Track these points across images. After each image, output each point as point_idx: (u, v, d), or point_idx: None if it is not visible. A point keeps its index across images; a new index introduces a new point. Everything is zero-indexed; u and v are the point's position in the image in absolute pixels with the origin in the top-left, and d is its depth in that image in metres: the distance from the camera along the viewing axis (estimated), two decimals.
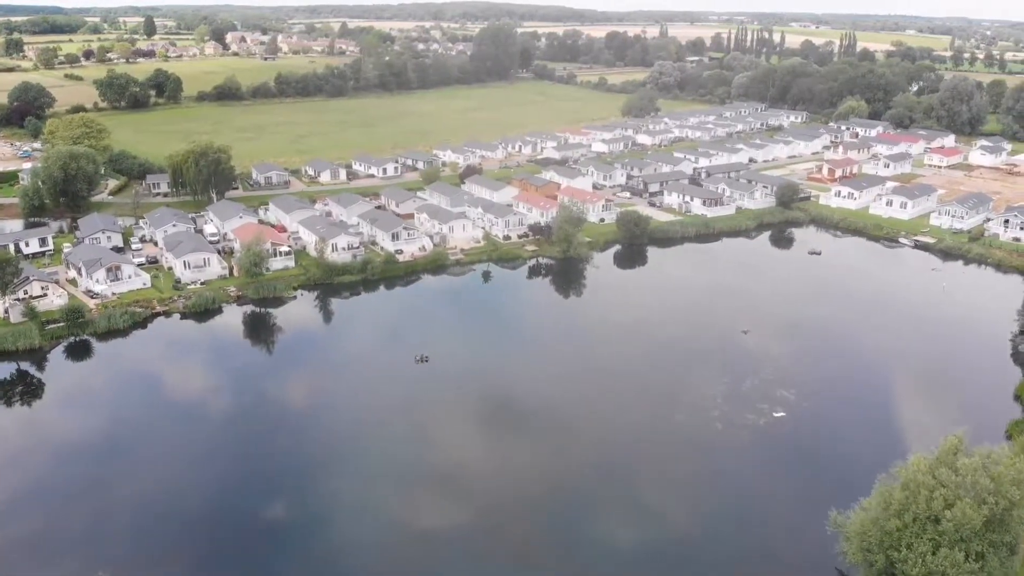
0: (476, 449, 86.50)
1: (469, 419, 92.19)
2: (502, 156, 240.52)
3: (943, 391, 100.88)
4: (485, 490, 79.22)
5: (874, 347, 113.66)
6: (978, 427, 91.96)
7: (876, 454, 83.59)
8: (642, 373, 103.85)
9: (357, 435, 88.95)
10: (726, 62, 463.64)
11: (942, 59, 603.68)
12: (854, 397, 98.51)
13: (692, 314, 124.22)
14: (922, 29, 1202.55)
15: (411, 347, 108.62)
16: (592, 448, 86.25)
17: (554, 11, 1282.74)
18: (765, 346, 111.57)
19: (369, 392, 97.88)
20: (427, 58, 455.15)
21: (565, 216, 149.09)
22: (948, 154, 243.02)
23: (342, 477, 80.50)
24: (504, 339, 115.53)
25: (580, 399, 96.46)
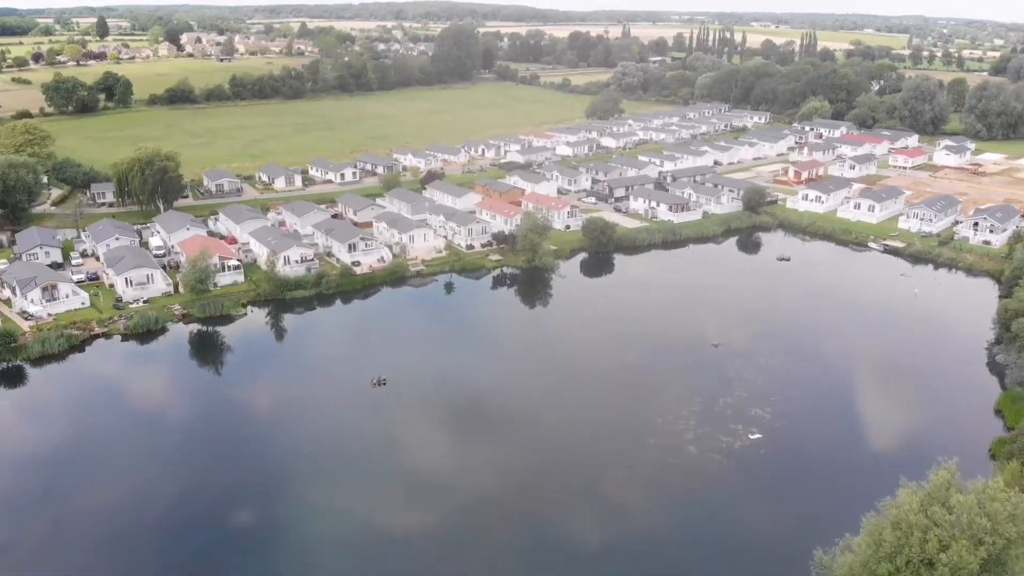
0: (435, 487, 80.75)
1: (428, 452, 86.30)
2: (465, 160, 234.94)
3: (922, 406, 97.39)
4: (448, 531, 73.65)
5: (848, 359, 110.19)
6: (960, 444, 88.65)
7: (858, 479, 79.88)
8: (612, 393, 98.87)
9: (302, 477, 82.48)
10: (689, 62, 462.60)
11: (901, 58, 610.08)
12: (830, 414, 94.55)
13: (661, 327, 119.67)
14: (880, 28, 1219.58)
15: (368, 368, 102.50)
16: (562, 478, 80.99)
17: (516, 11, 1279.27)
18: (737, 360, 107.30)
19: (319, 422, 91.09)
20: (388, 59, 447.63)
21: (530, 225, 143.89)
22: (913, 155, 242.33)
23: (281, 532, 74.29)
24: (467, 357, 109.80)
25: (548, 425, 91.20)
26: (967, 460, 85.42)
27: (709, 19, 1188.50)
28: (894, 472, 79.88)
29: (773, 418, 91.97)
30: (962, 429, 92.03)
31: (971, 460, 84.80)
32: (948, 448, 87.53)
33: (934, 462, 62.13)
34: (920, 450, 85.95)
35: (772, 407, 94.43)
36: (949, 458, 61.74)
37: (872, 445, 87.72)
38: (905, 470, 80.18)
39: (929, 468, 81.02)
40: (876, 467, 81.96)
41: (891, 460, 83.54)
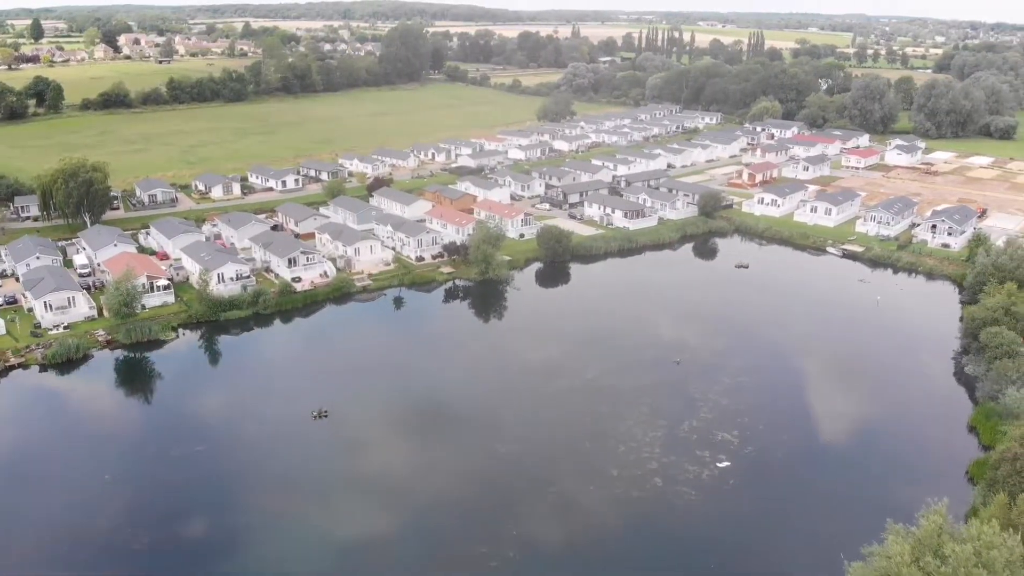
0: (380, 539, 73.76)
1: (370, 498, 79.13)
2: (414, 165, 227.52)
3: (894, 425, 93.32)
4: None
5: (814, 375, 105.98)
6: (937, 465, 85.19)
7: (836, 513, 75.47)
8: (572, 417, 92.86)
9: (229, 529, 74.83)
10: (638, 62, 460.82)
11: (846, 56, 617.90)
12: (799, 437, 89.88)
13: (620, 342, 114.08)
14: (823, 27, 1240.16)
15: (308, 397, 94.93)
16: (523, 519, 74.59)
17: (466, 10, 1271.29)
18: (700, 378, 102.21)
19: (250, 467, 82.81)
20: (333, 59, 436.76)
21: (483, 235, 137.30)
22: (865, 155, 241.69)
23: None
24: (415, 381, 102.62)
25: (505, 458, 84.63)
26: (945, 482, 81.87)
27: (657, 18, 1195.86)
28: (873, 505, 75.73)
29: (741, 443, 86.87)
30: (937, 449, 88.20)
31: (950, 481, 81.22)
32: (925, 470, 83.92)
33: (922, 503, 57.36)
34: (897, 475, 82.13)
35: (739, 430, 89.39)
36: (938, 499, 56.97)
37: (846, 470, 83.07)
38: (884, 500, 76.19)
39: (909, 496, 77.22)
40: (853, 498, 77.50)
41: (868, 488, 79.17)
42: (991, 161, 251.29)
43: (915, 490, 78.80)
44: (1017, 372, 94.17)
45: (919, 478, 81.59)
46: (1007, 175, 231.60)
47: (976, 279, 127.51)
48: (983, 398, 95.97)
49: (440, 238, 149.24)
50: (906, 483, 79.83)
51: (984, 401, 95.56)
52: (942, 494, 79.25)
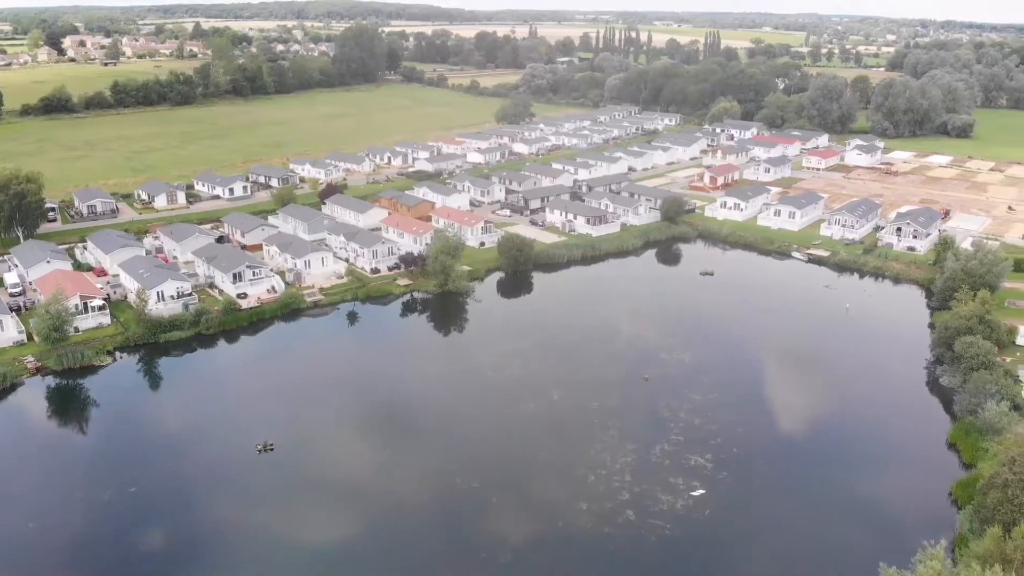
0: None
1: (320, 540, 72.90)
2: (369, 169, 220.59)
3: (872, 443, 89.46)
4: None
5: (786, 390, 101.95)
6: (919, 485, 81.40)
7: (819, 547, 70.94)
8: (538, 443, 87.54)
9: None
10: (597, 63, 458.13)
11: (801, 55, 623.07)
12: (774, 460, 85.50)
13: (586, 358, 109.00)
14: (777, 26, 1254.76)
15: (253, 427, 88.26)
16: (483, 565, 69.02)
17: (422, 10, 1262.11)
18: (669, 396, 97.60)
19: (184, 511, 75.65)
20: (286, 60, 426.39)
21: (441, 245, 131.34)
22: (826, 156, 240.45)
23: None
24: (369, 407, 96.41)
25: (469, 494, 78.78)
26: (929, 505, 78.27)
27: (613, 18, 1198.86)
28: (858, 535, 71.81)
29: (715, 468, 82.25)
30: (918, 468, 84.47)
31: (933, 503, 77.72)
32: (907, 492, 80.00)
33: (918, 546, 53.21)
34: (880, 499, 78.24)
35: (712, 453, 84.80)
36: (935, 542, 52.82)
37: (825, 496, 78.86)
38: (869, 529, 72.20)
39: (895, 523, 73.59)
40: (835, 527, 73.33)
41: (850, 516, 75.08)
42: (950, 160, 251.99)
43: (900, 516, 75.58)
44: (995, 385, 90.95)
45: (902, 502, 77.88)
46: (967, 174, 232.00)
47: (946, 285, 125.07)
48: (961, 412, 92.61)
49: (396, 248, 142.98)
50: (890, 508, 76.07)
51: (962, 415, 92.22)
52: (926, 518, 76.31)
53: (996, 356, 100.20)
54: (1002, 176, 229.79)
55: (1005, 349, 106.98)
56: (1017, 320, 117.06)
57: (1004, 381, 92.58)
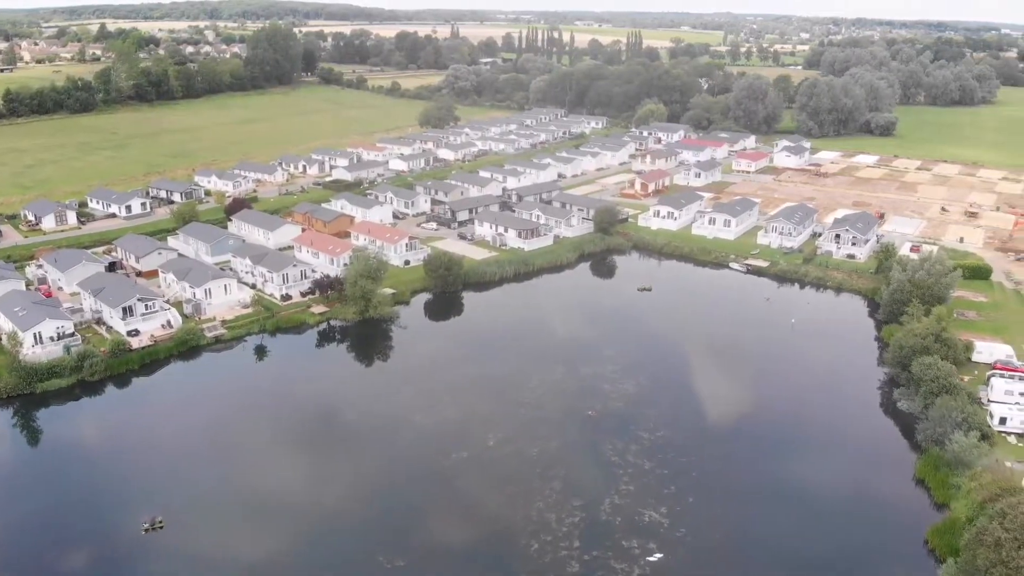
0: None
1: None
2: (282, 180, 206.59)
3: (835, 482, 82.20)
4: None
5: (738, 423, 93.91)
6: (891, 530, 74.26)
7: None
8: (472, 502, 77.34)
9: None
10: (520, 64, 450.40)
11: (721, 55, 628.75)
12: (731, 508, 77.34)
13: (523, 391, 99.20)
14: (695, 25, 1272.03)
15: (140, 499, 75.51)
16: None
17: (341, 9, 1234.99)
18: (616, 436, 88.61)
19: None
20: (194, 63, 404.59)
21: (361, 268, 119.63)
22: (755, 158, 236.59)
23: None
24: (278, 466, 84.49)
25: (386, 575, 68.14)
26: (905, 556, 71.08)
27: (535, 18, 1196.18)
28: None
29: (671, 523, 73.44)
30: (887, 510, 77.22)
31: (909, 552, 70.72)
32: (879, 539, 72.36)
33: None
34: (851, 550, 70.87)
35: (667, 506, 76.03)
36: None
37: (793, 550, 70.99)
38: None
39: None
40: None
41: (823, 573, 67.24)
42: (877, 160, 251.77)
43: (875, 570, 68.06)
44: (961, 413, 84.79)
45: (876, 552, 70.60)
46: (895, 174, 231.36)
47: (893, 297, 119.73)
48: (926, 442, 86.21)
49: (311, 270, 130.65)
50: (864, 561, 68.67)
51: (927, 446, 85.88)
52: (904, 573, 69.25)
53: (956, 378, 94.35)
54: (930, 175, 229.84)
55: (961, 367, 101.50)
56: (966, 332, 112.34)
57: (969, 408, 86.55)
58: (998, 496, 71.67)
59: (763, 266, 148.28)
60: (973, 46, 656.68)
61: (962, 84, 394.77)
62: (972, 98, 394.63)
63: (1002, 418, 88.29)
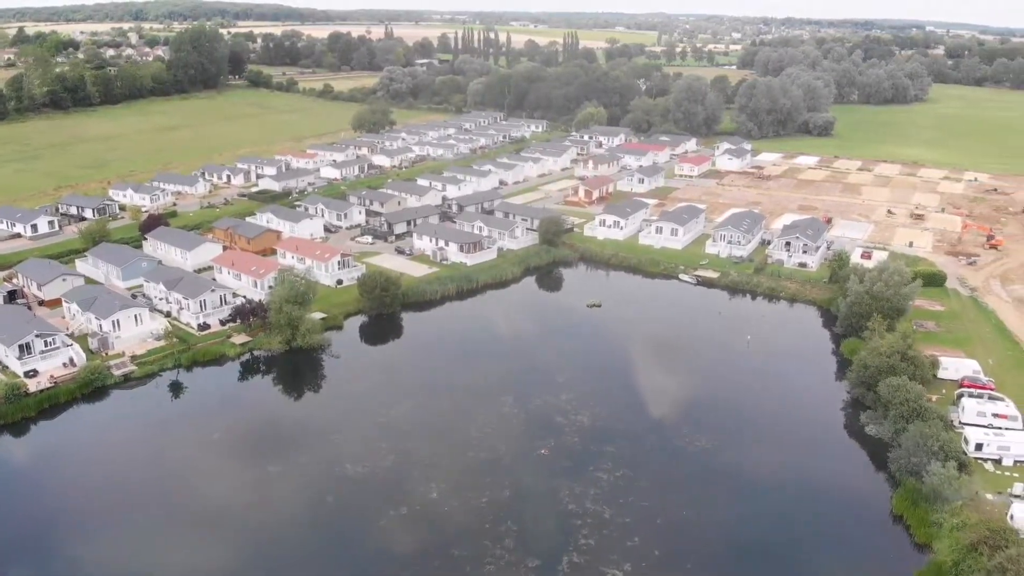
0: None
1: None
2: (204, 191, 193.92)
3: (807, 518, 76.15)
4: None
5: (698, 457, 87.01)
6: (871, 572, 68.16)
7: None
8: (407, 571, 68.50)
9: None
10: (457, 65, 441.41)
11: (656, 55, 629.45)
12: (701, 557, 70.37)
13: (469, 429, 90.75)
14: (629, 25, 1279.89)
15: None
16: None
17: (272, 9, 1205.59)
18: (571, 476, 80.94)
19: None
20: (114, 67, 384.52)
21: (286, 292, 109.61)
22: (697, 162, 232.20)
23: None
24: (188, 533, 74.21)
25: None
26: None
27: (470, 19, 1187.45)
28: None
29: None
30: (866, 552, 71.28)
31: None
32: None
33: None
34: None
35: (631, 562, 68.53)
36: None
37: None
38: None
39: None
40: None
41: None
42: (817, 161, 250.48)
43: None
44: (937, 441, 79.33)
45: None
46: (837, 175, 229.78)
47: (851, 310, 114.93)
48: (900, 473, 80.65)
49: (232, 294, 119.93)
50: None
51: (902, 476, 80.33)
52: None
53: (927, 400, 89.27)
54: (872, 176, 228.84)
55: (927, 384, 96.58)
56: (927, 346, 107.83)
57: (945, 435, 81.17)
58: (987, 539, 66.33)
59: (713, 277, 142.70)
60: (900, 44, 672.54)
61: (895, 83, 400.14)
62: (905, 96, 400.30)
63: (978, 444, 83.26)
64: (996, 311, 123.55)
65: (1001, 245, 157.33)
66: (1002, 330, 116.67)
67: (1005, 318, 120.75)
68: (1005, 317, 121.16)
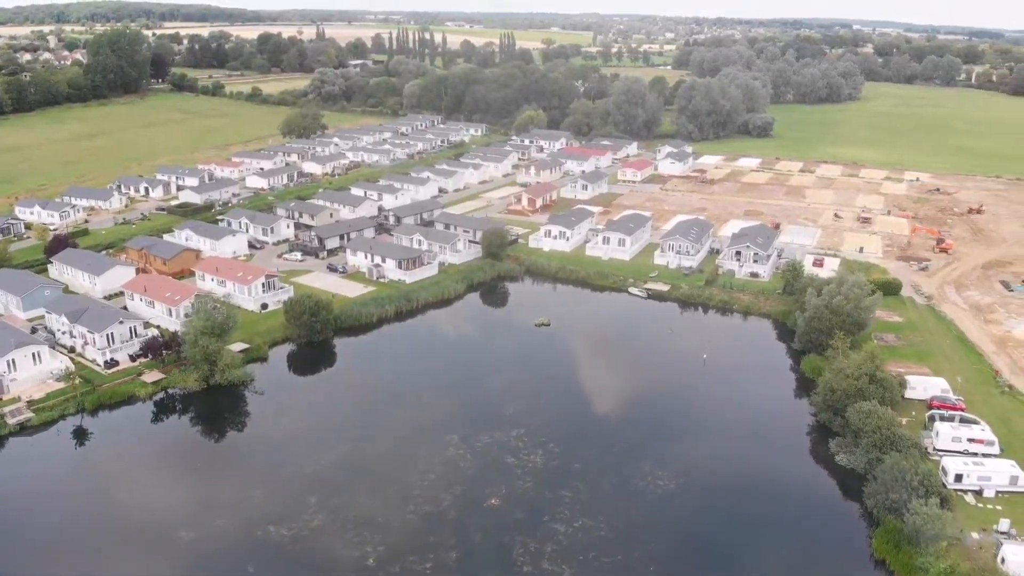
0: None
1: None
2: (120, 206, 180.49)
3: (782, 564, 69.39)
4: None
5: (660, 496, 80.00)
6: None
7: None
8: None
9: None
10: (392, 67, 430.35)
11: (592, 55, 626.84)
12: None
13: (408, 478, 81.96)
14: (564, 26, 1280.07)
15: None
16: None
17: (200, 10, 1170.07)
18: (524, 530, 72.97)
19: None
20: (26, 73, 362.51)
21: (202, 324, 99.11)
22: (640, 167, 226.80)
23: None
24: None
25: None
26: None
27: (405, 19, 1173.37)
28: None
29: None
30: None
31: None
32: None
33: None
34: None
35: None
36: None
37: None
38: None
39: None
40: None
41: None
42: (759, 163, 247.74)
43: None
44: (917, 475, 73.63)
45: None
46: (779, 177, 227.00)
47: (810, 325, 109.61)
48: (878, 510, 74.85)
49: (144, 325, 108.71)
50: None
51: (880, 514, 74.54)
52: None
53: (900, 426, 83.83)
54: (814, 177, 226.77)
55: (895, 405, 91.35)
56: (891, 362, 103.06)
57: (923, 466, 75.63)
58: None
59: (664, 290, 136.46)
60: (830, 43, 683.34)
61: (829, 82, 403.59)
62: (839, 95, 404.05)
63: (957, 475, 77.92)
64: (955, 321, 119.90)
65: (951, 249, 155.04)
66: (963, 341, 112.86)
67: (965, 328, 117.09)
68: (965, 327, 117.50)
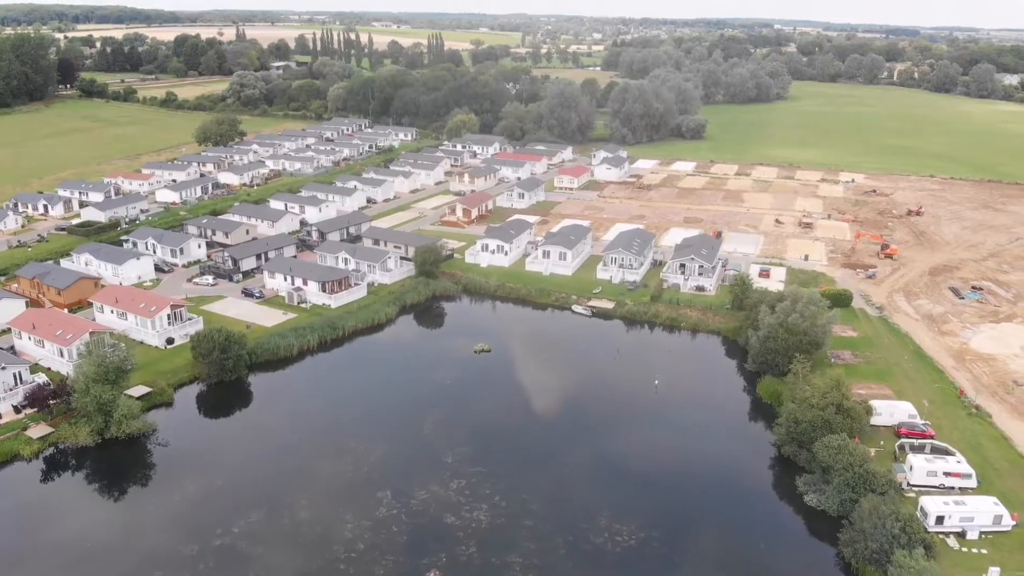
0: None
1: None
2: (16, 226, 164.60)
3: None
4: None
5: (621, 555, 71.94)
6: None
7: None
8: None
9: None
10: (316, 69, 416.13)
11: (522, 56, 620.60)
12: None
13: (333, 549, 72.02)
14: (492, 27, 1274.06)
15: None
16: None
17: (115, 11, 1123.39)
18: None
19: None
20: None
21: (94, 369, 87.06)
22: (576, 173, 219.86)
23: None
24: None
25: None
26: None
27: (329, 19, 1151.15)
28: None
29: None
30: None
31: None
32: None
33: None
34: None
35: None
36: None
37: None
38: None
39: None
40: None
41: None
42: (695, 166, 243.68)
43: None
44: (897, 521, 67.14)
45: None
46: (716, 182, 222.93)
47: (765, 346, 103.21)
48: (857, 559, 68.28)
49: (31, 369, 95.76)
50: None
51: (859, 563, 67.96)
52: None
53: (870, 460, 77.44)
54: (751, 181, 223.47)
55: (863, 435, 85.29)
56: (849, 381, 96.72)
57: (903, 511, 69.24)
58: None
59: (608, 307, 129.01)
60: (754, 42, 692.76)
61: (758, 81, 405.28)
62: (768, 95, 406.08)
63: (939, 516, 71.69)
64: (910, 333, 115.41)
65: (896, 254, 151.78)
66: (922, 356, 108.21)
67: (921, 341, 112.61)
68: (921, 340, 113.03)
